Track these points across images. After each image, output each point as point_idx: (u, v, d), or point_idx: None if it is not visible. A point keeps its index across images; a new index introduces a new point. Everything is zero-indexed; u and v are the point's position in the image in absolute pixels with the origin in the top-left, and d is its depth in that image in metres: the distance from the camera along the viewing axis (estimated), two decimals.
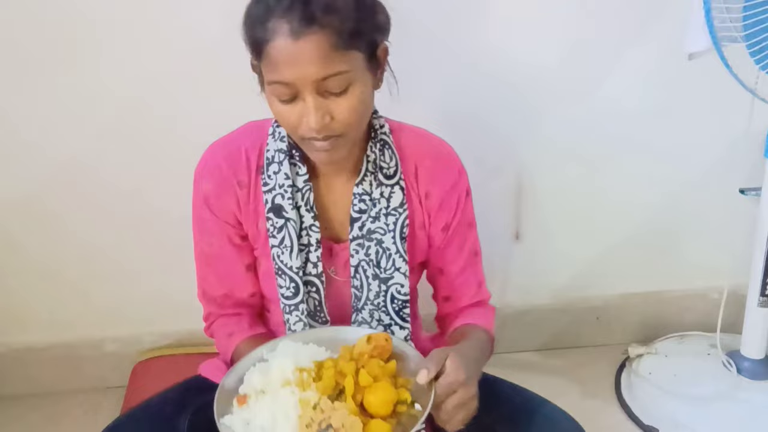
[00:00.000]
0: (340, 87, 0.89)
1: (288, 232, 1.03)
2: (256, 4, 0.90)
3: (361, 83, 0.92)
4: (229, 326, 1.11)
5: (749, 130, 1.40)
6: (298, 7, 0.86)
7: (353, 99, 0.91)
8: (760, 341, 1.57)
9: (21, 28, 1.42)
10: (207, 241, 1.08)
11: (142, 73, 1.47)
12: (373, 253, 1.04)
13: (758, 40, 1.23)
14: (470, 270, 1.12)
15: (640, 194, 1.71)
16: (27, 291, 1.68)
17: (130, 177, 1.56)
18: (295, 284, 1.05)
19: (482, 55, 1.51)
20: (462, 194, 1.07)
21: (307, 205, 1.04)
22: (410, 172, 1.06)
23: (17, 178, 1.56)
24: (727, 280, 1.54)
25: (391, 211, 1.04)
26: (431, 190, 1.06)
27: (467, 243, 1.10)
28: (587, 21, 1.51)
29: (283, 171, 1.02)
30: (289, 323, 1.07)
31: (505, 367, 1.76)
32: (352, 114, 0.92)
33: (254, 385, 0.90)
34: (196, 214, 1.08)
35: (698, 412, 1.53)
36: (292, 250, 1.03)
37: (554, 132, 1.61)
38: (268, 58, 0.89)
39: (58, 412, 1.70)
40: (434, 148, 1.08)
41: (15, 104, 1.49)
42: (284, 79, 0.88)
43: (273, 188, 1.03)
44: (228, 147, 1.06)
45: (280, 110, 0.93)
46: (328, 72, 0.87)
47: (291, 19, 0.86)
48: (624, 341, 1.82)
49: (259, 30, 0.89)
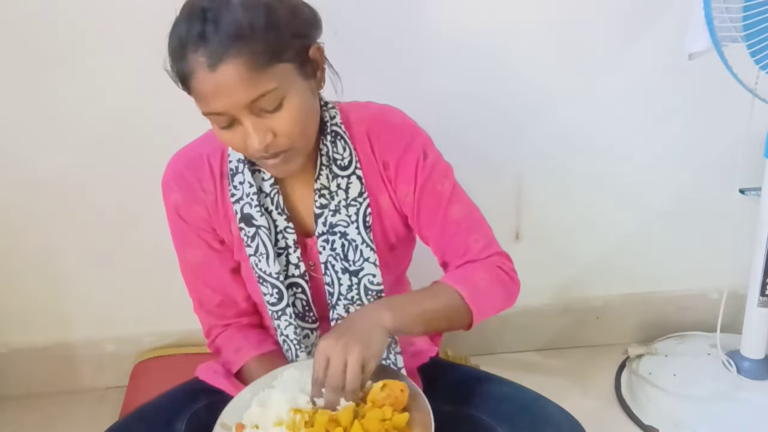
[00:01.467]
0: (274, 104, 0.88)
1: (261, 239, 1.02)
2: (173, 34, 0.89)
3: (296, 93, 0.90)
4: (236, 341, 1.10)
5: (749, 130, 1.40)
6: (208, 37, 0.85)
7: (291, 111, 0.90)
8: (760, 341, 1.57)
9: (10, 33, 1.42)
10: (189, 252, 1.08)
11: (141, 73, 1.46)
12: (339, 246, 1.03)
13: (758, 40, 1.23)
14: (452, 231, 1.06)
15: (640, 194, 1.71)
16: (27, 291, 1.68)
17: (131, 177, 1.56)
18: (278, 290, 1.04)
19: (482, 55, 1.51)
20: (418, 155, 1.03)
21: (278, 209, 1.03)
22: (366, 149, 1.04)
23: (17, 178, 1.56)
24: (727, 280, 1.54)
25: (351, 202, 1.03)
26: (387, 158, 1.04)
27: (441, 203, 1.05)
28: (587, 21, 1.51)
29: (247, 180, 1.02)
30: (280, 328, 1.06)
31: (505, 367, 1.77)
32: (294, 126, 0.91)
33: (252, 418, 0.90)
34: (172, 227, 1.08)
35: (698, 412, 1.53)
36: (268, 256, 1.03)
37: (554, 132, 1.61)
38: (195, 92, 0.88)
39: (57, 412, 1.70)
40: (381, 116, 1.05)
41: (14, 105, 1.49)
42: (215, 110, 0.88)
43: (241, 198, 1.02)
44: (188, 156, 1.06)
45: (224, 137, 0.92)
46: (255, 94, 0.86)
47: (204, 51, 0.85)
48: (624, 341, 1.82)
49: (179, 64, 0.88)
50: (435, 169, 1.04)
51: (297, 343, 1.07)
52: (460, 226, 1.06)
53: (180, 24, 0.88)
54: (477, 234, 1.07)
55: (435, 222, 1.05)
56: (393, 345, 1.06)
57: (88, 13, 1.42)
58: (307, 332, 1.08)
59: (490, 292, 1.03)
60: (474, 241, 1.06)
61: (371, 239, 1.03)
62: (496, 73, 1.53)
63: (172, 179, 1.05)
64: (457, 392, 1.05)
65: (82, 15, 1.42)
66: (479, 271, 1.04)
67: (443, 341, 1.28)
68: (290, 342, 1.07)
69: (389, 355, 1.06)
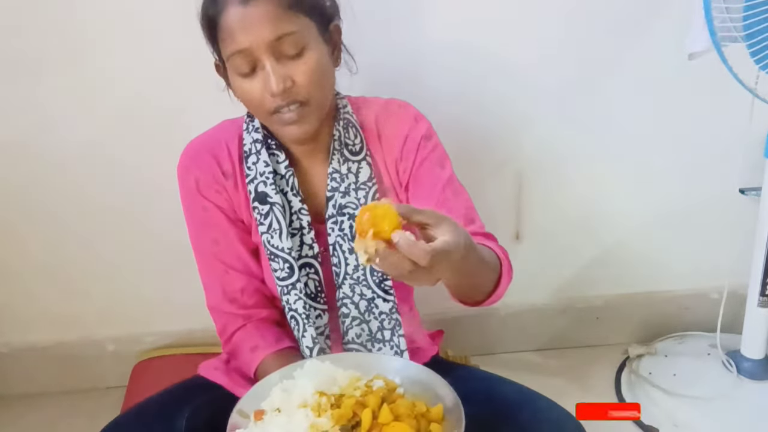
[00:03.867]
0: (296, 48, 0.95)
1: (275, 215, 1.05)
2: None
3: (316, 49, 0.97)
4: (253, 339, 1.08)
5: (749, 130, 1.40)
6: None
7: (310, 62, 0.96)
8: (760, 341, 1.57)
9: (20, 26, 1.42)
10: (209, 233, 1.08)
11: (144, 71, 1.47)
12: (347, 227, 1.06)
13: (758, 40, 1.23)
14: (451, 206, 1.05)
15: (640, 194, 1.71)
16: (27, 291, 1.68)
17: (131, 177, 1.56)
18: (289, 265, 1.05)
19: (482, 55, 1.51)
20: (419, 138, 1.07)
21: (293, 190, 1.06)
22: (374, 137, 1.09)
23: (17, 178, 1.56)
24: (727, 280, 1.54)
25: (360, 186, 1.06)
26: (392, 142, 1.09)
27: (439, 181, 1.07)
28: (587, 21, 1.51)
29: (261, 160, 1.05)
30: (288, 304, 1.06)
31: (505, 367, 1.77)
32: (311, 76, 0.96)
33: (273, 402, 0.88)
34: (190, 211, 1.08)
35: (698, 412, 1.53)
36: (281, 232, 1.05)
37: (554, 132, 1.61)
38: (223, 30, 0.95)
39: (58, 412, 1.70)
40: (389, 106, 1.11)
41: (15, 103, 1.49)
42: (240, 46, 0.93)
43: (255, 177, 1.05)
44: (207, 141, 1.09)
45: (244, 87, 0.97)
46: (280, 32, 0.93)
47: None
48: (624, 341, 1.82)
49: (210, 7, 0.96)
50: (435, 150, 1.09)
51: (306, 318, 1.05)
52: (458, 203, 1.07)
53: None
54: (473, 214, 1.08)
55: (432, 198, 1.07)
56: (397, 327, 1.07)
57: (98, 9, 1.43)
58: (319, 312, 1.08)
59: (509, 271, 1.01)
60: (472, 218, 1.06)
61: None
62: (495, 72, 1.53)
63: (191, 160, 1.07)
64: (458, 392, 1.05)
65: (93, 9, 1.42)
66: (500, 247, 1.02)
67: (443, 341, 1.28)
68: (299, 317, 1.06)
69: (393, 337, 1.07)
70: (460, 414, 0.84)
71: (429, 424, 0.84)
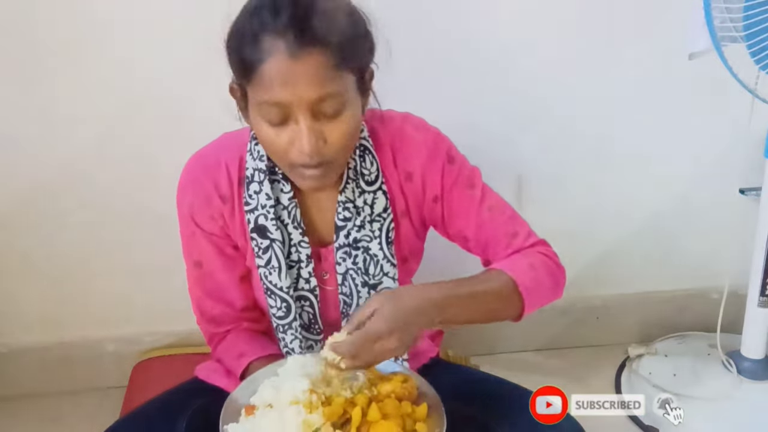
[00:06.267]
0: (335, 109, 0.87)
1: (274, 252, 1.01)
2: (247, 20, 0.86)
3: (354, 107, 0.90)
4: (237, 347, 1.08)
5: (749, 130, 1.40)
6: (297, 24, 0.82)
7: (346, 123, 0.89)
8: (760, 341, 1.57)
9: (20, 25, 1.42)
10: (197, 258, 1.06)
11: (145, 73, 1.47)
12: (361, 261, 1.03)
13: (758, 40, 1.23)
14: (491, 225, 1.05)
15: (640, 194, 1.71)
16: (27, 291, 1.68)
17: (131, 177, 1.56)
18: (287, 304, 1.04)
19: (481, 55, 1.51)
20: (443, 160, 1.03)
21: (294, 222, 1.02)
22: (389, 162, 1.03)
23: (17, 178, 1.56)
24: (727, 280, 1.54)
25: (375, 218, 1.02)
26: (410, 168, 1.03)
27: (473, 202, 1.04)
28: (587, 21, 1.51)
29: (264, 191, 1.00)
30: (284, 341, 1.06)
31: (505, 367, 1.77)
32: (345, 138, 0.90)
33: (264, 398, 0.89)
34: (183, 231, 1.06)
35: (698, 412, 1.53)
36: (280, 270, 1.02)
37: (554, 132, 1.61)
38: (261, 79, 0.85)
39: (57, 412, 1.69)
40: (404, 127, 1.04)
41: (15, 103, 1.49)
42: (279, 99, 0.85)
43: (255, 208, 1.00)
44: (206, 161, 1.03)
45: (269, 135, 0.89)
46: (326, 92, 0.85)
47: (289, 37, 0.82)
48: (624, 341, 1.82)
49: (250, 49, 0.85)
50: (461, 172, 1.04)
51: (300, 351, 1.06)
52: (497, 220, 1.05)
53: (261, 6, 0.85)
54: (516, 226, 1.06)
55: (470, 221, 1.05)
56: None
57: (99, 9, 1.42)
58: (311, 343, 1.08)
59: (540, 281, 1.01)
60: (514, 232, 1.05)
61: (393, 254, 1.03)
62: (494, 74, 1.53)
63: (189, 184, 1.03)
64: (458, 393, 1.05)
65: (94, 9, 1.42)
66: (528, 258, 1.02)
67: (443, 341, 1.28)
68: (292, 352, 1.06)
69: None
70: (442, 412, 0.89)
71: (414, 423, 0.88)
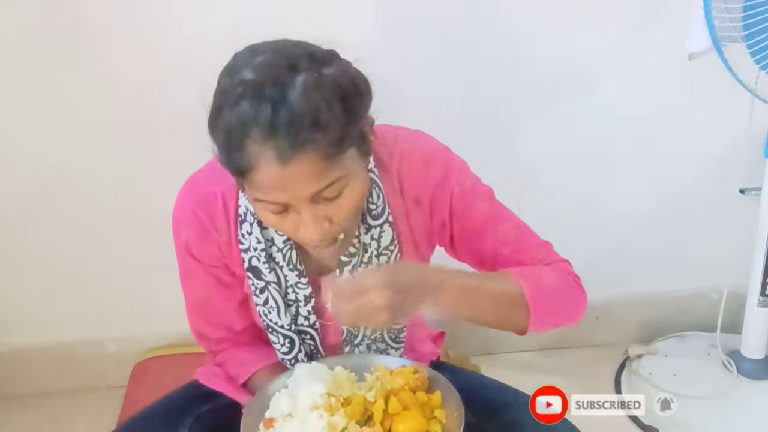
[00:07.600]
0: (336, 192, 0.82)
1: (270, 293, 0.99)
2: (230, 109, 0.77)
3: (358, 177, 0.85)
4: (239, 355, 1.08)
5: (749, 130, 1.40)
6: (282, 128, 0.75)
7: (350, 198, 0.84)
8: (760, 341, 1.57)
9: (19, 28, 1.42)
10: (194, 288, 1.05)
11: (143, 74, 1.47)
12: None
13: (758, 40, 1.23)
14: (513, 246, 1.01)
15: (640, 194, 1.71)
16: (27, 291, 1.68)
17: (131, 177, 1.56)
18: (290, 340, 1.02)
19: (481, 56, 1.51)
20: (452, 186, 0.97)
21: (290, 265, 0.97)
22: (395, 190, 0.98)
23: (17, 178, 1.56)
24: (727, 280, 1.54)
25: (383, 251, 0.98)
26: (419, 194, 0.98)
27: (487, 226, 1.00)
28: (587, 21, 1.51)
29: (254, 235, 0.96)
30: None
31: (505, 367, 1.77)
32: (351, 212, 0.86)
33: (281, 409, 0.89)
34: (180, 263, 1.04)
35: (698, 412, 1.53)
36: (279, 309, 1.00)
37: (554, 132, 1.61)
38: (253, 183, 0.80)
39: (58, 412, 1.70)
40: (412, 150, 0.98)
41: (14, 104, 1.49)
42: (275, 200, 0.81)
43: (248, 249, 0.97)
44: (202, 192, 0.98)
45: (273, 220, 0.85)
46: (324, 185, 0.80)
47: (276, 143, 0.75)
48: (624, 341, 1.82)
49: (237, 156, 0.78)
50: (472, 196, 0.99)
51: None
52: (515, 243, 1.01)
53: (238, 106, 0.76)
54: (534, 244, 1.03)
55: (485, 245, 1.01)
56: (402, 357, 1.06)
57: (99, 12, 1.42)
58: None
59: (554, 297, 0.97)
60: (534, 252, 1.02)
61: None
62: (494, 73, 1.53)
63: (183, 217, 0.99)
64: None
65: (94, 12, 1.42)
66: (546, 270, 0.98)
67: (444, 342, 1.28)
68: None
69: None
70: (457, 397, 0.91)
71: (432, 410, 0.90)
